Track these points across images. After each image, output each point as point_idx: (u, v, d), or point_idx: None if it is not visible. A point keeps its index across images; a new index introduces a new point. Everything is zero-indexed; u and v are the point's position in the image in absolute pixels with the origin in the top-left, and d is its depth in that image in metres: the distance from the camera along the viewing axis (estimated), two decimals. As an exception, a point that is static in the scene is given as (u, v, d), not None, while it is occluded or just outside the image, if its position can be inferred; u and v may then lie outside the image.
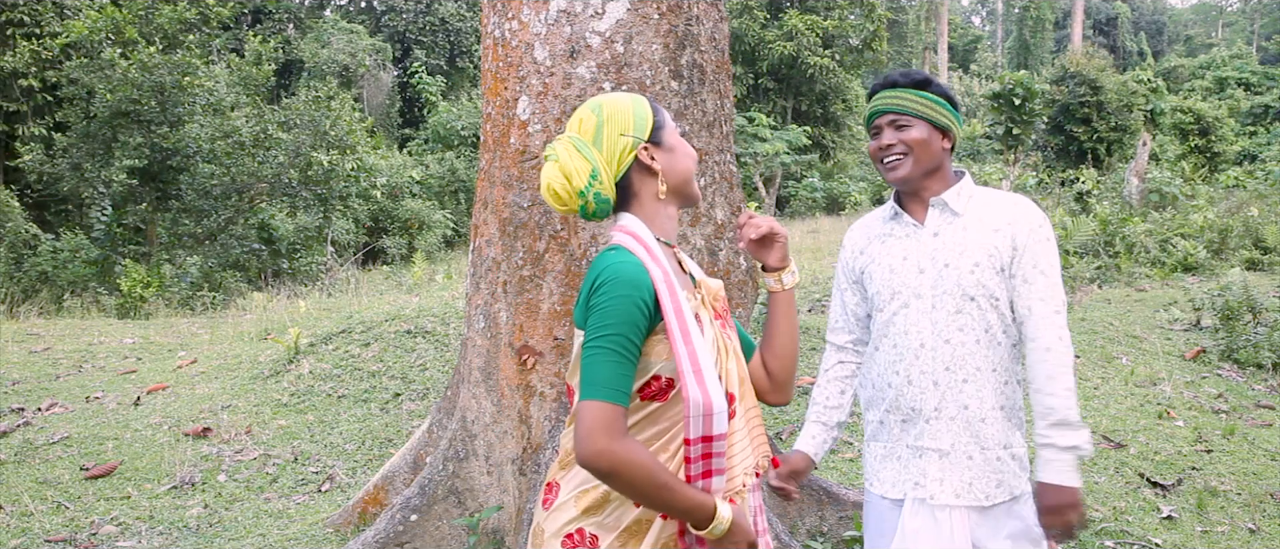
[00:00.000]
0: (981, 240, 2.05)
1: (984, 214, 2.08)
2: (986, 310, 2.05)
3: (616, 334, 1.51)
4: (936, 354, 2.06)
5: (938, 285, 2.06)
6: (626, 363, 1.51)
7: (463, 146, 21.74)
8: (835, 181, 25.79)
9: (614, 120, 1.63)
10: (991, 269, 2.04)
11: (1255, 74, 37.57)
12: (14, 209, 13.92)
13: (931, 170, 2.10)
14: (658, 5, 3.08)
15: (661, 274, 1.56)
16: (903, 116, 2.09)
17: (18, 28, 15.67)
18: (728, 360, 1.66)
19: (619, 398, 1.50)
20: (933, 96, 2.10)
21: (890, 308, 2.12)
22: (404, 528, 3.29)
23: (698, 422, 1.52)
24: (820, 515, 3.46)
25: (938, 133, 2.09)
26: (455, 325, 6.05)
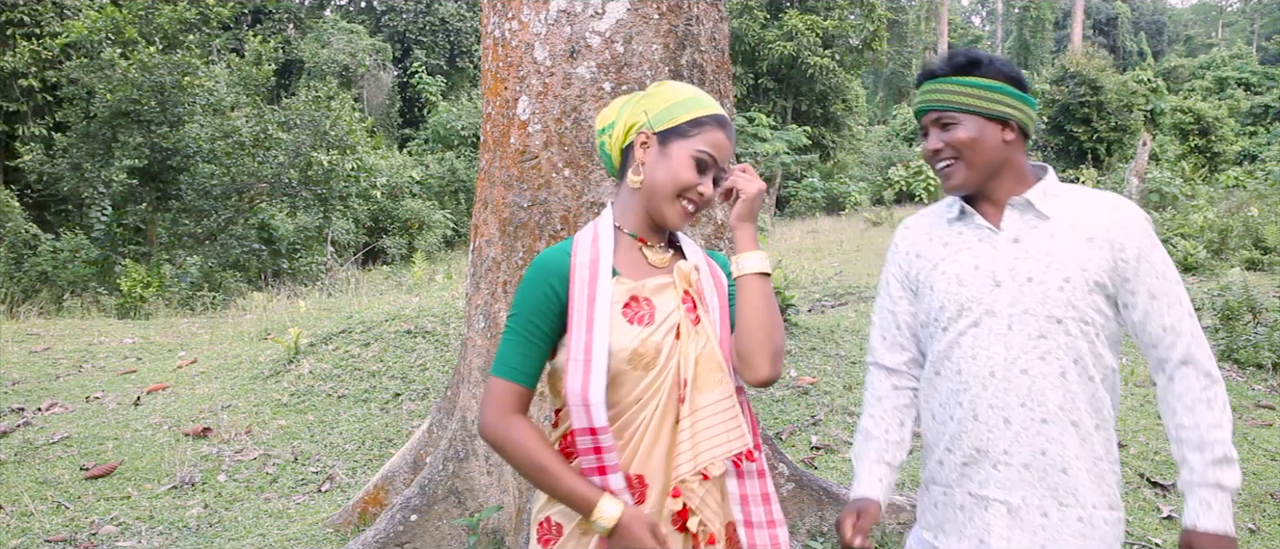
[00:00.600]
0: (1073, 251, 1.69)
1: (1077, 218, 1.72)
2: (1077, 337, 1.69)
3: (519, 316, 1.61)
4: (1010, 386, 1.71)
5: (1017, 303, 1.70)
6: (527, 343, 1.60)
7: (463, 146, 21.74)
8: (835, 181, 25.80)
9: (651, 97, 1.67)
10: (1084, 287, 1.68)
11: (1255, 74, 37.58)
12: (14, 209, 13.92)
13: (994, 172, 1.75)
14: (658, 5, 3.08)
15: (587, 262, 1.61)
16: (946, 114, 1.74)
17: (18, 28, 15.67)
18: (685, 346, 1.61)
19: (515, 376, 1.60)
20: (983, 83, 1.73)
21: (956, 326, 1.77)
22: (404, 528, 3.29)
23: (579, 412, 1.56)
24: (820, 515, 3.46)
25: (995, 125, 1.73)
26: (455, 325, 6.05)
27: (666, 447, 1.61)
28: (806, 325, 6.37)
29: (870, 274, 10.88)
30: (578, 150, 3.06)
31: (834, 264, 12.27)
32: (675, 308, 1.63)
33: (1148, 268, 1.69)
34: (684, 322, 1.62)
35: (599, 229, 1.67)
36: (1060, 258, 1.70)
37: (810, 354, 5.78)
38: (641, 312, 1.61)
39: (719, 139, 1.63)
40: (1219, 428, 1.65)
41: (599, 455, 1.57)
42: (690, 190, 1.63)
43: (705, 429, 1.60)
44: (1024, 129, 1.76)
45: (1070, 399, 1.70)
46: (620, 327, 1.60)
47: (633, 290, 1.62)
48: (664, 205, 1.64)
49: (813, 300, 8.42)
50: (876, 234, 17.61)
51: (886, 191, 24.40)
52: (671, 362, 1.61)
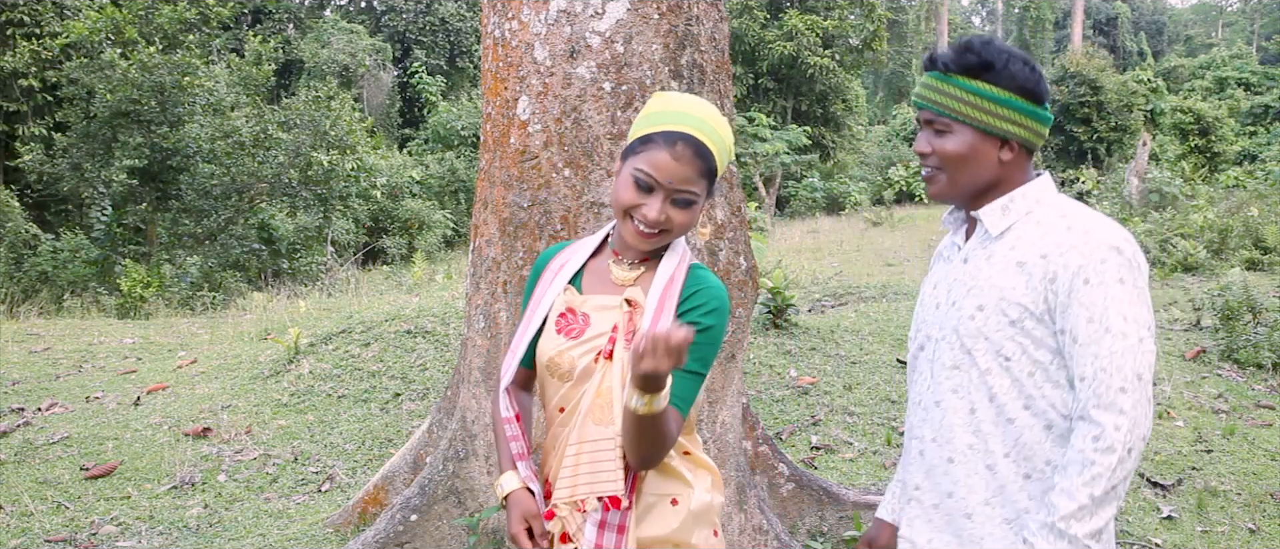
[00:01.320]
0: (998, 277, 1.50)
1: (1024, 240, 1.50)
2: (992, 372, 1.50)
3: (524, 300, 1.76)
4: (927, 417, 1.60)
5: (943, 328, 1.58)
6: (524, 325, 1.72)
7: (463, 146, 21.74)
8: (835, 181, 25.80)
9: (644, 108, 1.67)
10: (1001, 316, 1.48)
11: (1255, 74, 37.58)
12: (14, 209, 13.92)
13: (982, 191, 1.56)
14: (658, 5, 3.08)
15: (559, 266, 1.71)
16: (940, 118, 1.55)
17: (18, 28, 15.67)
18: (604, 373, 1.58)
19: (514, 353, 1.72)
20: (989, 92, 1.50)
21: (912, 349, 1.69)
22: (404, 528, 3.29)
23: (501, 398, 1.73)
24: (820, 515, 3.46)
25: (992, 142, 1.52)
26: (455, 325, 6.05)
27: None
28: (806, 325, 6.37)
29: (870, 274, 10.88)
30: (578, 150, 3.06)
31: (834, 264, 12.27)
32: (604, 333, 1.60)
33: (1080, 309, 1.42)
34: (602, 351, 1.59)
35: (591, 237, 1.75)
36: (981, 283, 1.52)
37: (810, 354, 5.78)
38: (573, 326, 1.63)
39: (660, 159, 1.53)
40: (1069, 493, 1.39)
41: (514, 443, 1.70)
42: (632, 210, 1.56)
43: (588, 461, 1.56)
44: (1029, 145, 1.54)
45: (981, 440, 1.51)
46: (550, 335, 1.66)
47: (571, 303, 1.66)
48: (620, 223, 1.60)
49: (813, 300, 8.42)
50: (876, 234, 17.61)
51: (886, 191, 24.40)
52: (588, 382, 1.60)
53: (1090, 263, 1.42)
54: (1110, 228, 1.47)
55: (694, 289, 1.61)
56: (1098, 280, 1.42)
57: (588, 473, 1.56)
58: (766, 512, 3.21)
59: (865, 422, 4.90)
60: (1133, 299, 1.42)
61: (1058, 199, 1.55)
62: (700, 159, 1.56)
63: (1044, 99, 1.54)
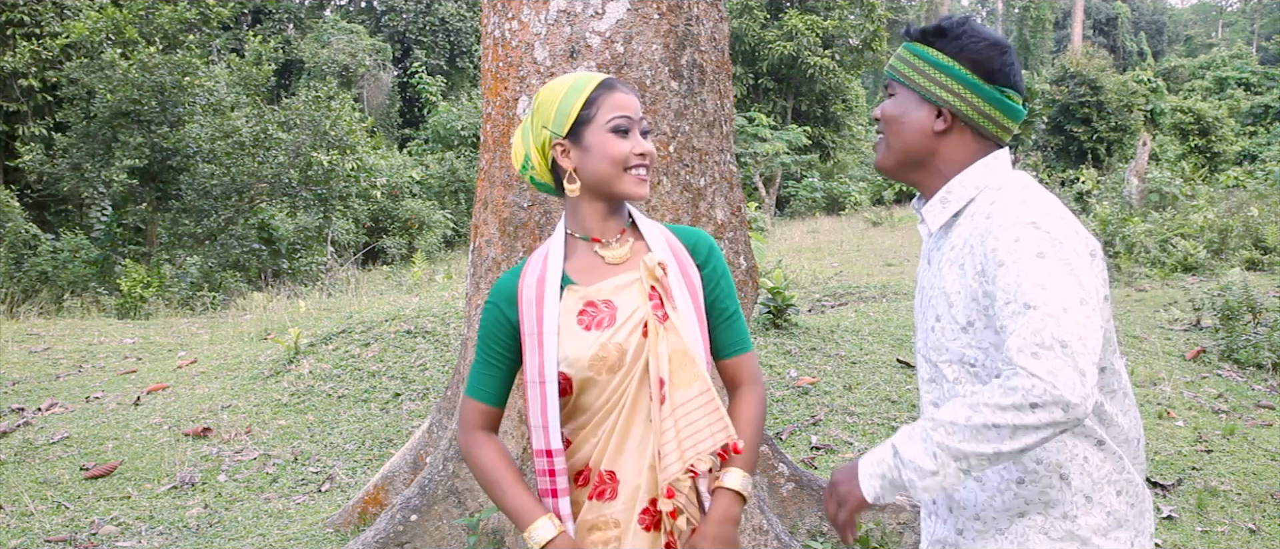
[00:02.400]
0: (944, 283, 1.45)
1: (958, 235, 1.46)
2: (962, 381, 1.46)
3: (480, 340, 1.69)
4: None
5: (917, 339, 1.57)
6: (488, 366, 1.68)
7: (463, 146, 21.72)
8: (835, 181, 25.80)
9: (540, 110, 1.64)
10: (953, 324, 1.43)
11: (1255, 74, 37.58)
12: (14, 209, 13.91)
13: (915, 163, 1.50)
14: (658, 5, 3.08)
15: (535, 282, 1.63)
16: (891, 83, 1.53)
17: (18, 28, 15.66)
18: (656, 343, 1.58)
19: (479, 396, 1.68)
20: (930, 56, 1.47)
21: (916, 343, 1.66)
22: (404, 528, 3.29)
23: (537, 433, 1.60)
24: (820, 515, 3.46)
25: (926, 108, 1.47)
26: (455, 325, 6.05)
27: (637, 442, 1.60)
28: (806, 325, 6.37)
29: (870, 274, 10.88)
30: (578, 150, 3.06)
31: (834, 264, 12.27)
32: (640, 305, 1.60)
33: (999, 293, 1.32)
34: (651, 319, 1.58)
35: (550, 243, 1.67)
36: (931, 291, 1.47)
37: (810, 354, 5.78)
38: (599, 316, 1.60)
39: (619, 99, 1.60)
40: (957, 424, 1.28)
41: (551, 477, 1.60)
42: (629, 158, 1.59)
43: (688, 426, 1.57)
44: (970, 124, 1.46)
45: None
46: (577, 336, 1.59)
47: (586, 296, 1.62)
48: (618, 187, 1.61)
49: (813, 300, 8.42)
50: (876, 234, 17.61)
51: (886, 191, 24.39)
52: (639, 360, 1.59)
53: (1003, 244, 1.33)
54: (1030, 206, 1.36)
55: (691, 242, 1.72)
56: (1011, 259, 1.32)
57: (691, 436, 1.58)
58: (766, 512, 3.21)
59: (865, 422, 4.90)
60: (1055, 270, 1.29)
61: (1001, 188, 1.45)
62: (634, 92, 1.66)
63: (998, 79, 1.45)
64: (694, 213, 3.17)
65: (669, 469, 1.57)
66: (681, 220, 3.14)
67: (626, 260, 1.66)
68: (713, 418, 1.59)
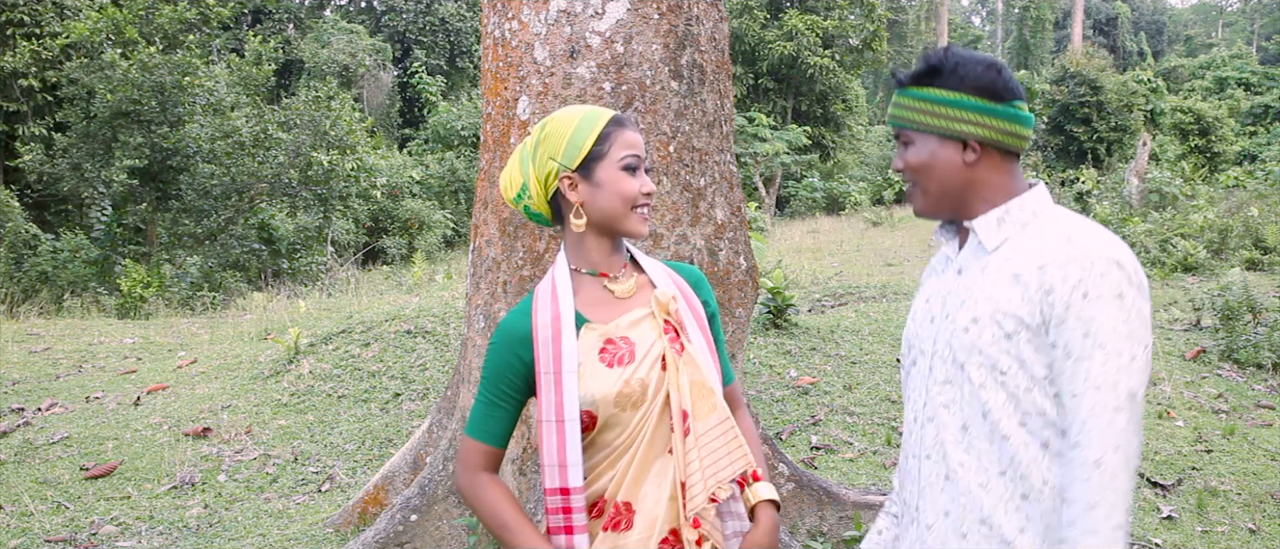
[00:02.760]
0: (994, 289, 1.47)
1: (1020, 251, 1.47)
2: (985, 387, 1.46)
3: (487, 381, 1.65)
4: (924, 434, 1.55)
5: (936, 342, 1.54)
6: (494, 407, 1.64)
7: (463, 146, 21.72)
8: (835, 181, 25.80)
9: (548, 141, 1.64)
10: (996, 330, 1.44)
11: (1255, 74, 37.58)
12: (14, 209, 13.91)
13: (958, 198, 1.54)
14: (658, 5, 3.08)
15: (549, 321, 1.61)
16: (904, 132, 1.56)
17: (18, 28, 15.66)
18: (676, 376, 1.60)
19: (483, 437, 1.64)
20: (936, 95, 1.50)
21: (904, 365, 1.66)
22: (404, 528, 3.29)
23: (553, 471, 1.57)
24: (820, 515, 3.46)
25: (952, 145, 1.50)
26: (455, 325, 6.05)
27: (655, 474, 1.61)
28: (806, 325, 6.37)
29: (870, 274, 10.87)
30: (578, 150, 3.06)
31: (834, 264, 12.27)
32: (656, 340, 1.62)
33: (1075, 319, 1.38)
34: (669, 352, 1.61)
35: (556, 279, 1.65)
36: (974, 294, 1.48)
37: (810, 354, 5.78)
38: (620, 352, 1.61)
39: (630, 137, 1.63)
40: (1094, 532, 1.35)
41: (567, 515, 1.58)
42: (638, 197, 1.62)
43: (710, 455, 1.60)
44: (997, 146, 1.50)
45: (974, 458, 1.47)
46: (600, 373, 1.59)
47: (605, 334, 1.62)
48: (624, 225, 1.63)
49: (813, 300, 8.42)
50: (876, 234, 17.61)
51: (886, 191, 24.40)
52: (660, 394, 1.60)
53: (1090, 276, 1.38)
54: (1111, 241, 1.43)
55: (691, 278, 1.76)
56: (1095, 295, 1.38)
57: (712, 465, 1.60)
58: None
59: (865, 422, 4.90)
60: (1130, 315, 1.38)
61: (1056, 210, 1.52)
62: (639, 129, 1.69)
63: (1005, 97, 1.50)
64: (694, 213, 3.17)
65: (695, 500, 1.58)
66: (681, 220, 3.14)
67: (634, 295, 1.67)
68: (733, 446, 1.62)
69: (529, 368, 1.62)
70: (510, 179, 1.69)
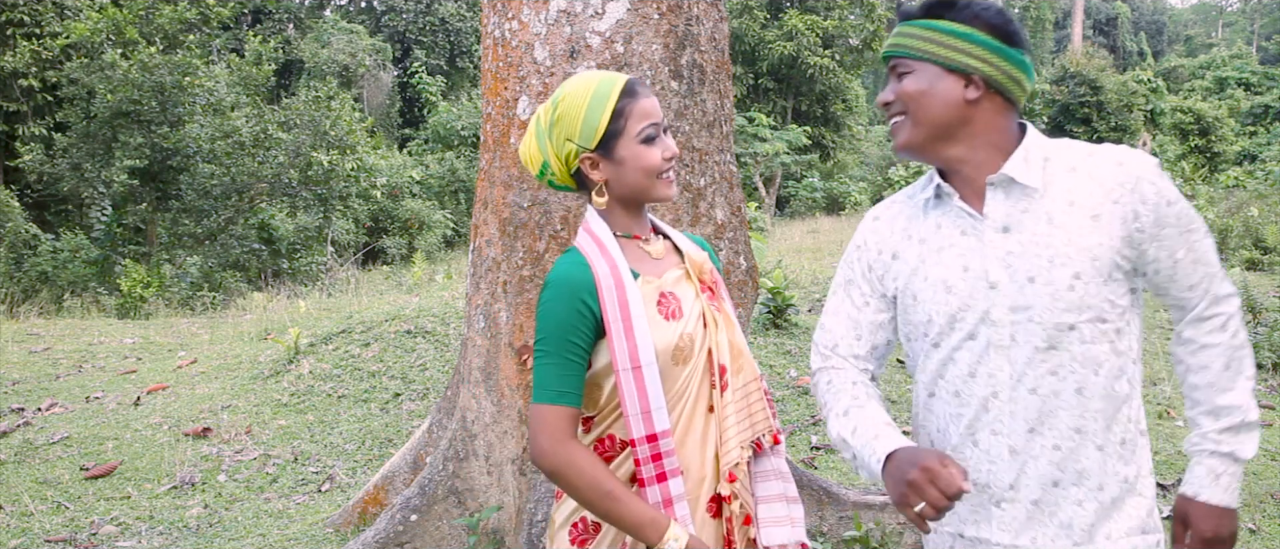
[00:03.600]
0: (1079, 237, 1.42)
1: (1075, 189, 1.44)
2: (1094, 342, 1.43)
3: (552, 337, 1.54)
4: (1016, 408, 1.45)
5: (1019, 308, 1.43)
6: (569, 363, 1.54)
7: (463, 146, 21.73)
8: (835, 181, 25.80)
9: (563, 121, 1.60)
10: (1099, 279, 1.41)
11: (1255, 74, 37.58)
12: (14, 209, 13.91)
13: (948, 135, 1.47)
14: (658, 5, 3.08)
15: (608, 270, 1.55)
16: (903, 61, 1.50)
17: (18, 28, 15.67)
18: (717, 333, 1.62)
19: (563, 399, 1.53)
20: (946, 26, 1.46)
21: (949, 341, 1.50)
22: (404, 528, 3.29)
23: (638, 420, 1.52)
24: (820, 515, 3.46)
25: (954, 78, 1.45)
26: (455, 325, 6.05)
27: (700, 434, 1.61)
28: (806, 325, 6.37)
29: (870, 274, 10.86)
30: (578, 150, 3.06)
31: (834, 264, 12.27)
32: (697, 297, 1.64)
33: (1171, 232, 1.43)
34: (708, 310, 1.63)
35: (598, 234, 1.61)
36: (1064, 248, 1.42)
37: (810, 354, 5.78)
38: (671, 306, 1.61)
39: (644, 106, 1.59)
40: (1237, 390, 1.46)
41: (658, 462, 1.53)
42: (661, 165, 1.59)
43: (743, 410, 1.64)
44: (1000, 89, 1.46)
45: (1090, 418, 1.44)
46: (658, 325, 1.57)
47: (660, 287, 1.61)
48: (650, 192, 1.61)
49: (813, 300, 8.42)
50: (876, 234, 17.58)
51: (886, 192, 24.39)
52: (703, 351, 1.61)
53: (1159, 185, 1.43)
54: (1136, 151, 1.48)
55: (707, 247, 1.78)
56: (1171, 196, 1.44)
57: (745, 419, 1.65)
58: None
59: (865, 422, 4.90)
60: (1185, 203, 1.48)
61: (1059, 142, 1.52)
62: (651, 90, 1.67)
63: (1016, 42, 1.47)
64: (694, 213, 3.17)
65: (730, 454, 1.60)
66: (681, 220, 3.14)
67: (664, 257, 1.69)
68: (765, 401, 1.68)
69: (597, 318, 1.55)
70: (530, 155, 1.66)
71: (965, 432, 1.50)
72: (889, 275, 1.59)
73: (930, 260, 1.52)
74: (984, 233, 1.47)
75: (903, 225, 1.58)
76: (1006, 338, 1.45)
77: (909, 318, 1.57)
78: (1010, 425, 1.46)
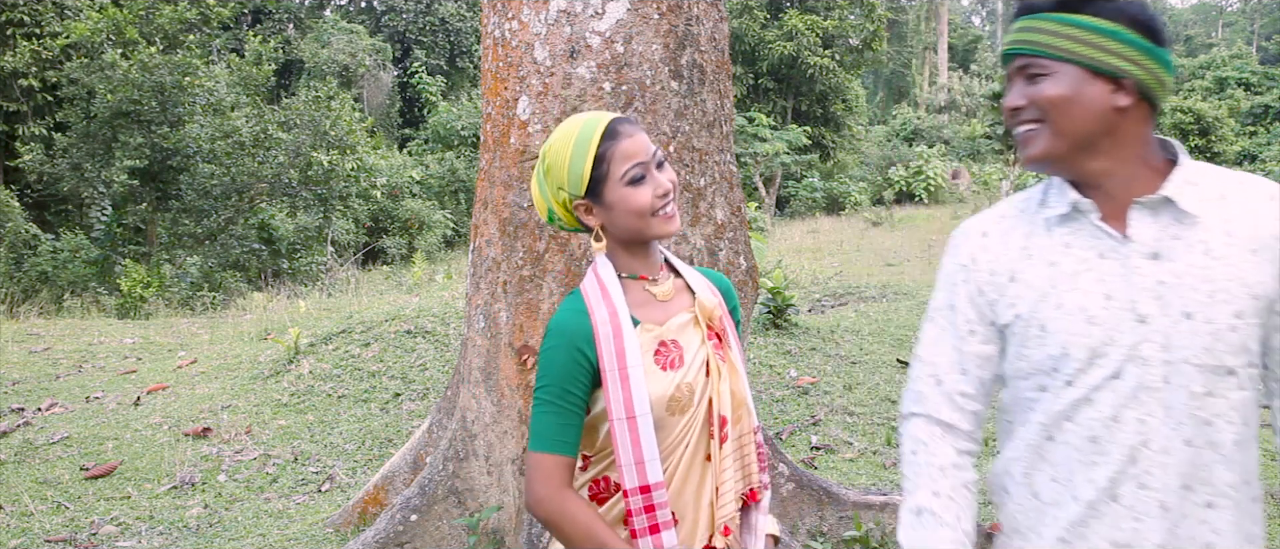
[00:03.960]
0: (1240, 271, 1.26)
1: (1231, 219, 1.27)
2: (1247, 389, 1.28)
3: (552, 385, 1.54)
4: (1170, 461, 1.27)
5: (1173, 347, 1.26)
6: (565, 412, 1.54)
7: (463, 146, 21.74)
8: (835, 181, 25.81)
9: (552, 172, 1.59)
10: (1257, 320, 1.26)
11: (1255, 74, 37.59)
12: (14, 209, 13.92)
13: (1092, 147, 1.29)
14: (658, 5, 3.08)
15: (607, 317, 1.54)
16: (1036, 60, 1.30)
17: (18, 28, 15.67)
18: (719, 383, 1.59)
19: (559, 448, 1.53)
20: (1092, 23, 1.26)
21: (1087, 379, 1.29)
22: (404, 528, 3.29)
23: (630, 470, 1.51)
24: (820, 515, 3.46)
25: (1102, 82, 1.26)
26: (455, 325, 6.05)
27: (696, 483, 1.59)
28: (806, 325, 6.37)
29: (870, 274, 10.88)
30: (578, 150, 3.06)
31: (834, 264, 12.27)
32: (701, 345, 1.60)
33: None
34: (713, 358, 1.59)
35: (602, 278, 1.60)
36: (1226, 284, 1.25)
37: (810, 354, 5.78)
38: (671, 356, 1.58)
39: (626, 147, 1.55)
40: None
41: (651, 513, 1.53)
42: (652, 204, 1.56)
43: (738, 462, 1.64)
44: (1148, 94, 1.27)
45: (1244, 473, 1.28)
46: (655, 375, 1.56)
47: (659, 336, 1.59)
48: (646, 232, 1.58)
49: (813, 300, 8.42)
50: (876, 234, 17.62)
51: (886, 191, 24.41)
52: (703, 400, 1.58)
53: None
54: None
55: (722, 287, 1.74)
56: None
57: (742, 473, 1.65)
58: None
59: (865, 422, 4.90)
60: None
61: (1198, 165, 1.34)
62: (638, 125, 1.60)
63: (1163, 40, 1.28)
64: (694, 213, 3.17)
65: (726, 507, 1.59)
66: (681, 220, 3.14)
67: (673, 298, 1.65)
68: (757, 453, 1.68)
69: (593, 366, 1.55)
70: (539, 204, 1.67)
71: (1106, 485, 1.29)
72: (1004, 301, 1.37)
73: (1063, 285, 1.31)
74: (1129, 258, 1.28)
75: (1020, 242, 1.37)
76: (1159, 379, 1.26)
77: (1028, 351, 1.34)
78: (1163, 479, 1.27)
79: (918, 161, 25.04)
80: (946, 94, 40.92)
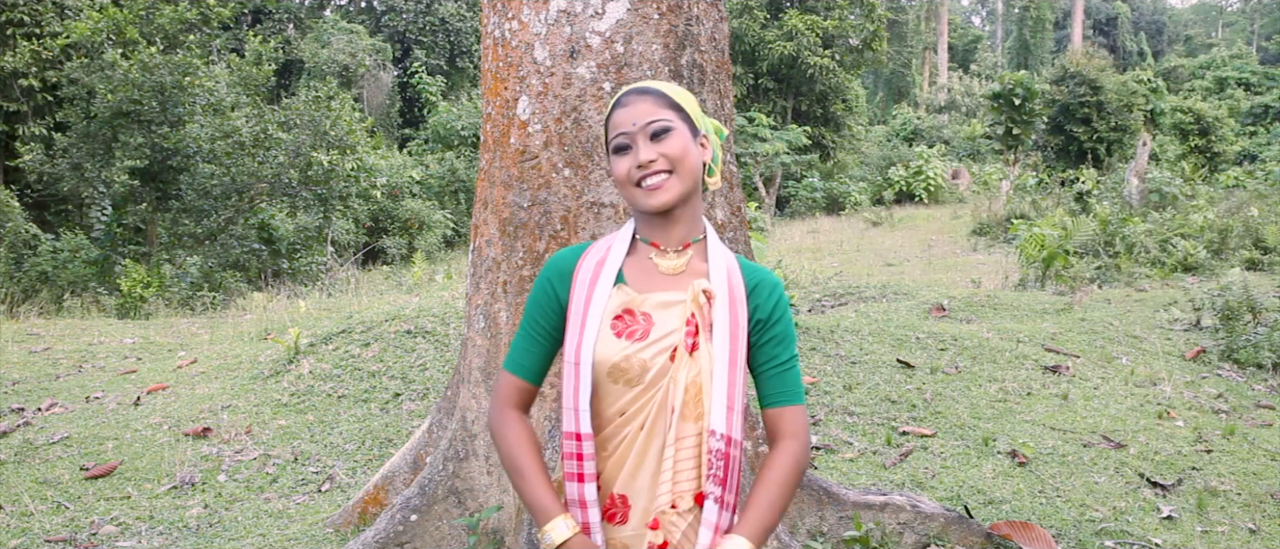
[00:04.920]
0: None
1: None
2: None
3: (526, 311, 1.65)
4: None
5: None
6: (531, 339, 1.63)
7: (463, 146, 21.74)
8: (835, 181, 25.80)
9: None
10: None
11: (1255, 74, 37.61)
12: (14, 209, 13.91)
13: None
14: (658, 5, 3.08)
15: (593, 264, 1.60)
16: None
17: (18, 28, 15.67)
18: (676, 371, 1.55)
19: (516, 370, 1.63)
20: None
21: None
22: (404, 528, 3.29)
23: (569, 414, 1.57)
24: (820, 515, 3.46)
25: None
26: (455, 325, 6.05)
27: (652, 470, 1.57)
28: (806, 325, 6.37)
29: (870, 274, 10.88)
30: (578, 150, 3.06)
31: (834, 264, 12.27)
32: (676, 328, 1.57)
33: None
34: (681, 346, 1.56)
35: (618, 234, 1.66)
36: None
37: (810, 354, 5.78)
38: (634, 327, 1.57)
39: (618, 116, 1.59)
40: None
41: (579, 462, 1.56)
42: (631, 174, 1.57)
43: (686, 459, 1.57)
44: None
45: None
46: (606, 338, 1.56)
47: (628, 303, 1.58)
48: (632, 202, 1.61)
49: (813, 300, 8.42)
50: (876, 234, 17.62)
51: (886, 191, 24.41)
52: (663, 382, 1.56)
53: None
54: None
55: (757, 281, 1.65)
56: None
57: (687, 471, 1.58)
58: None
59: (865, 422, 4.90)
60: None
61: None
62: (648, 95, 1.60)
63: None
64: (694, 213, 3.17)
65: (660, 498, 1.57)
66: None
67: (680, 274, 1.63)
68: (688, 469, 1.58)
69: (562, 304, 1.60)
70: None
71: None
72: None
73: None
74: None
75: None
76: None
77: None
78: None
79: (918, 162, 25.04)
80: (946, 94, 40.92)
